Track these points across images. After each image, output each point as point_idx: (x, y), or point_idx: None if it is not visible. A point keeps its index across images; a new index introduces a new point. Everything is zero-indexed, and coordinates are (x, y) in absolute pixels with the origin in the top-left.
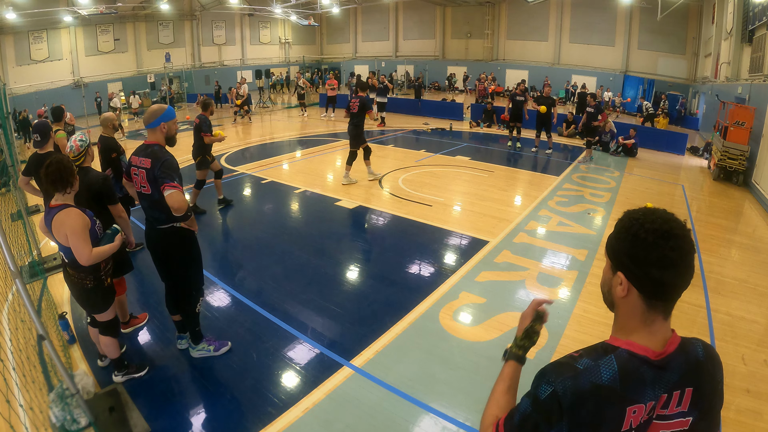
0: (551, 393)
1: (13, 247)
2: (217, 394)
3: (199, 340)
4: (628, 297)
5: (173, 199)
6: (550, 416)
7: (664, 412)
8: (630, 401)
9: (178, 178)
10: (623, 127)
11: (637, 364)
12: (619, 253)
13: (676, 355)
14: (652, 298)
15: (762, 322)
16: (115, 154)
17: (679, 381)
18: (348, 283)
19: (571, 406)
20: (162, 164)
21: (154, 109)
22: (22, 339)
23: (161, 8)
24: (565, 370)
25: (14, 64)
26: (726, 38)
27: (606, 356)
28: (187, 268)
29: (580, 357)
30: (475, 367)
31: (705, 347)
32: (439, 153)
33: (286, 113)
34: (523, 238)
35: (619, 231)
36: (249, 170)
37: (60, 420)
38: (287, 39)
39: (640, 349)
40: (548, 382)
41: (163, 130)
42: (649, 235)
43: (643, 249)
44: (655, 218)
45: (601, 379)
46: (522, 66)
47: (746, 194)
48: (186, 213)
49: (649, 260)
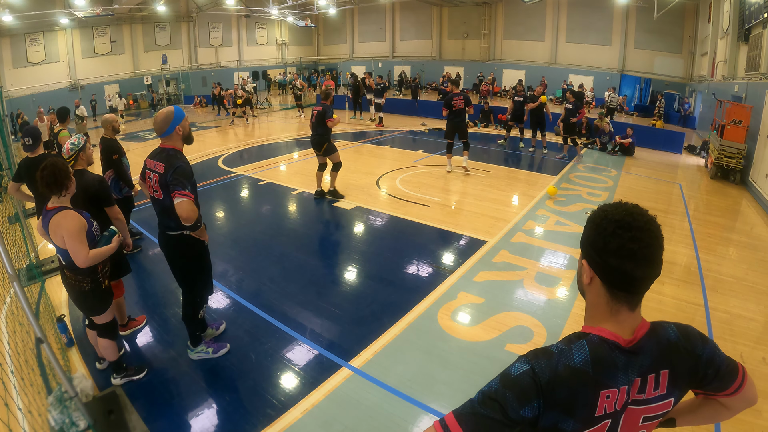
0: (527, 370)
1: (11, 249)
2: (216, 396)
3: (197, 343)
4: (591, 285)
5: (182, 208)
6: (524, 392)
7: (641, 396)
8: (602, 385)
9: (190, 186)
10: (620, 126)
11: (608, 350)
12: (583, 241)
13: (647, 340)
14: (613, 288)
15: (760, 319)
16: (116, 155)
17: (652, 365)
18: (346, 283)
19: (548, 385)
20: (174, 171)
21: (165, 114)
22: (20, 342)
23: (158, 10)
24: (540, 353)
25: (11, 66)
26: (722, 37)
27: (578, 341)
28: (194, 277)
29: (555, 344)
30: (473, 367)
31: (679, 328)
32: (437, 153)
33: (282, 114)
34: (521, 238)
35: (588, 220)
36: (246, 172)
37: (59, 423)
38: (284, 40)
39: (610, 335)
40: (524, 362)
41: (179, 132)
42: (610, 224)
43: (602, 238)
44: (621, 210)
45: (574, 361)
46: (519, 66)
47: (743, 192)
48: (195, 223)
49: (608, 249)
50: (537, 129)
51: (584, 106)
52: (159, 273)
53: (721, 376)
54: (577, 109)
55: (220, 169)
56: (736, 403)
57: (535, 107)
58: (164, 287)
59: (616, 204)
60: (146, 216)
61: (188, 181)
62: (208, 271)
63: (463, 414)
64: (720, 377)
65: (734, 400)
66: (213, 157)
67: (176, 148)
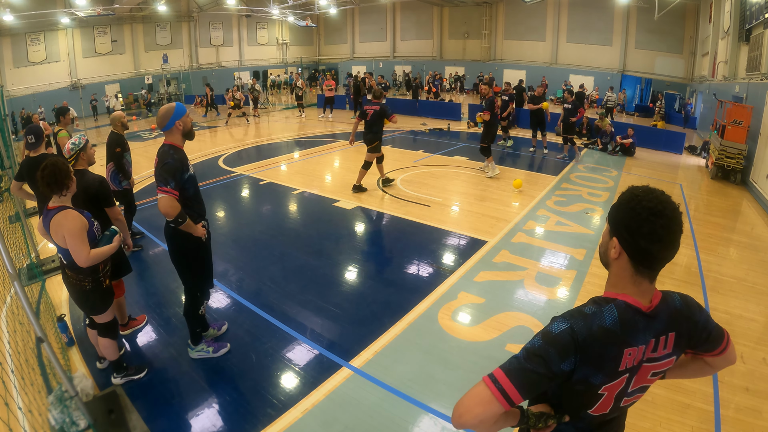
0: (567, 329)
1: (12, 249)
2: (216, 395)
3: (197, 341)
4: (619, 260)
5: (161, 204)
6: (565, 348)
7: (653, 355)
8: (627, 344)
9: (174, 182)
10: (620, 126)
11: (632, 313)
12: (617, 221)
13: (661, 307)
14: (639, 265)
15: (760, 320)
16: (119, 149)
17: (664, 328)
18: (347, 283)
19: (584, 342)
20: (162, 166)
21: (166, 109)
22: (20, 341)
23: (158, 10)
24: (576, 313)
25: (11, 66)
26: (723, 37)
27: (607, 305)
28: (190, 269)
29: (588, 304)
30: (474, 367)
31: (681, 297)
32: (437, 153)
33: (283, 114)
34: (521, 238)
35: (620, 203)
36: (247, 171)
37: (59, 422)
38: (285, 40)
39: (633, 302)
40: (563, 321)
41: (180, 127)
42: (644, 211)
43: (636, 222)
44: (653, 197)
45: (605, 322)
46: (519, 66)
47: (744, 193)
48: (177, 219)
49: (640, 232)
50: (537, 129)
51: (584, 105)
52: (159, 273)
53: (711, 340)
54: (576, 108)
55: (221, 168)
56: (719, 362)
57: (535, 109)
58: (165, 287)
59: (646, 189)
60: (147, 215)
61: (172, 177)
62: (207, 264)
63: (511, 369)
64: (711, 340)
65: (718, 359)
66: (213, 156)
67: (174, 143)
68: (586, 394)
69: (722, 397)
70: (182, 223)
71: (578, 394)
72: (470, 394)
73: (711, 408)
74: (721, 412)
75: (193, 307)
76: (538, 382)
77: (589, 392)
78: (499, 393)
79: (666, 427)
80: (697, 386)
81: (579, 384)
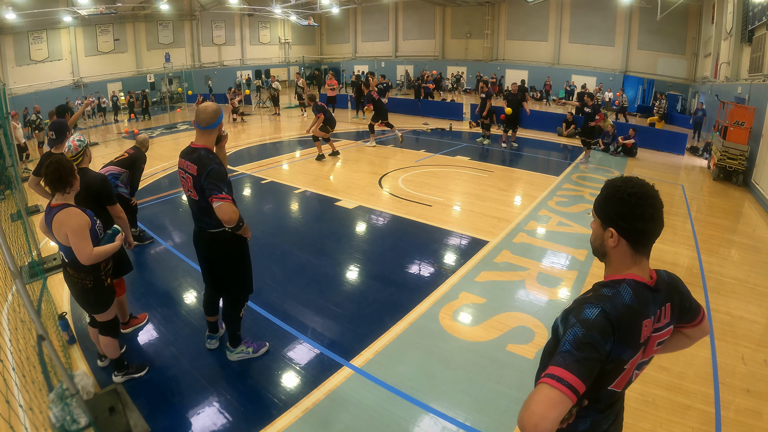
0: (600, 312)
1: (13, 247)
2: (217, 394)
3: (237, 343)
4: (618, 246)
5: (223, 211)
6: (605, 331)
7: (658, 325)
8: (644, 316)
9: (227, 187)
10: (623, 127)
11: (642, 289)
12: (609, 212)
13: (660, 280)
14: (637, 245)
15: (762, 322)
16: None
17: (663, 299)
18: (348, 283)
19: (617, 321)
20: (208, 174)
21: (214, 108)
22: (21, 339)
23: (161, 8)
24: (600, 296)
25: (14, 64)
26: (726, 38)
27: (620, 285)
28: (236, 273)
29: (599, 288)
30: (474, 367)
31: (666, 272)
32: (439, 153)
33: (285, 113)
34: (522, 238)
35: (607, 196)
36: (249, 170)
37: (60, 420)
38: (287, 39)
39: (639, 278)
40: (593, 306)
41: (218, 130)
42: (631, 197)
43: (628, 208)
44: (633, 184)
45: (625, 300)
46: (522, 66)
47: (746, 194)
48: (238, 224)
49: (634, 216)
50: (510, 129)
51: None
52: (161, 271)
53: (692, 311)
54: (595, 112)
55: None
56: (696, 333)
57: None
58: (166, 285)
59: (624, 179)
60: (148, 215)
61: (223, 182)
62: (249, 268)
63: (568, 364)
64: (692, 311)
65: (695, 330)
66: None
67: (208, 147)
68: (614, 372)
69: (723, 398)
70: (242, 226)
71: (606, 373)
72: (536, 401)
73: (711, 409)
74: (721, 413)
75: (236, 310)
76: (594, 367)
77: (616, 370)
78: (567, 389)
79: (666, 429)
80: (697, 387)
81: (611, 363)
